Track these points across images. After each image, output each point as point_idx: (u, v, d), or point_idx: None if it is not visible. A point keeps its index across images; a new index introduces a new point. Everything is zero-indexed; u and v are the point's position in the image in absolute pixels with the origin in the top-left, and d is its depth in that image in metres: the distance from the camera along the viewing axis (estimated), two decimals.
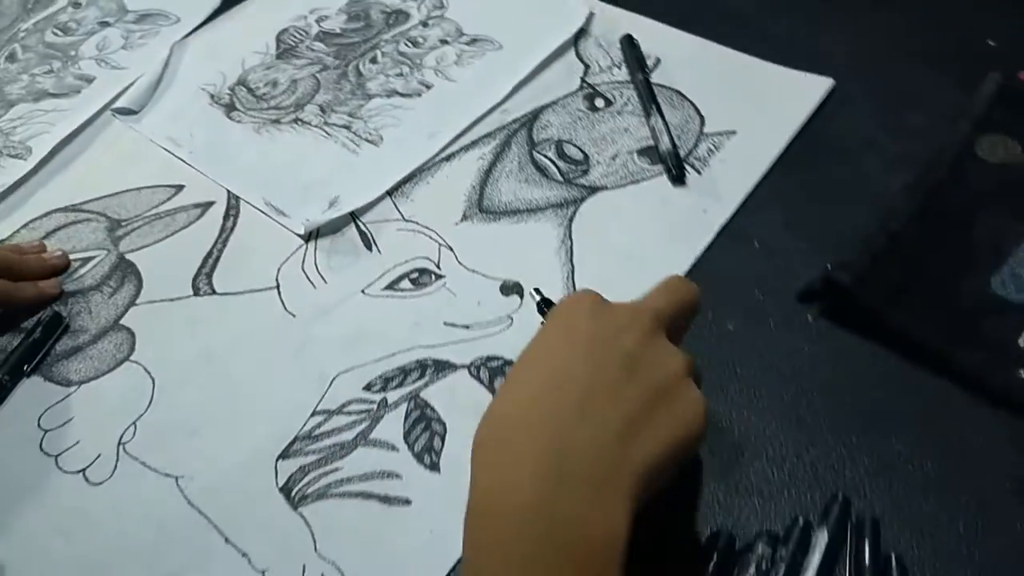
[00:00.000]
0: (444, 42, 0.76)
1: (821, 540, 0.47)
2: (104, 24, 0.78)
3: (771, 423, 0.53)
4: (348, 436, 0.53)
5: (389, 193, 0.65)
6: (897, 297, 0.57)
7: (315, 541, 0.49)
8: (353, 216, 0.64)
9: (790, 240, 0.62)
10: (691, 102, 0.70)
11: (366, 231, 0.63)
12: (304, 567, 0.48)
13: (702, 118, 0.69)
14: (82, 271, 0.62)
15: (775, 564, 0.47)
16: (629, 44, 0.74)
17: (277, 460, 0.53)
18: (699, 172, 0.66)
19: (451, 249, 0.62)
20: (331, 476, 0.52)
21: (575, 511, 0.38)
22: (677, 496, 0.50)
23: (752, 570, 0.47)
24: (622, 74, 0.73)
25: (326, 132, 0.70)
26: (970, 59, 0.72)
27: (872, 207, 0.62)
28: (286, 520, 0.50)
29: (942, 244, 0.59)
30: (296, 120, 0.70)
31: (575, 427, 0.40)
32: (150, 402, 0.55)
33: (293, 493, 0.51)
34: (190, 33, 0.78)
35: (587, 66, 0.74)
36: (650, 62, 0.73)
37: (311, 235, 0.63)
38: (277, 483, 0.52)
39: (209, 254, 0.62)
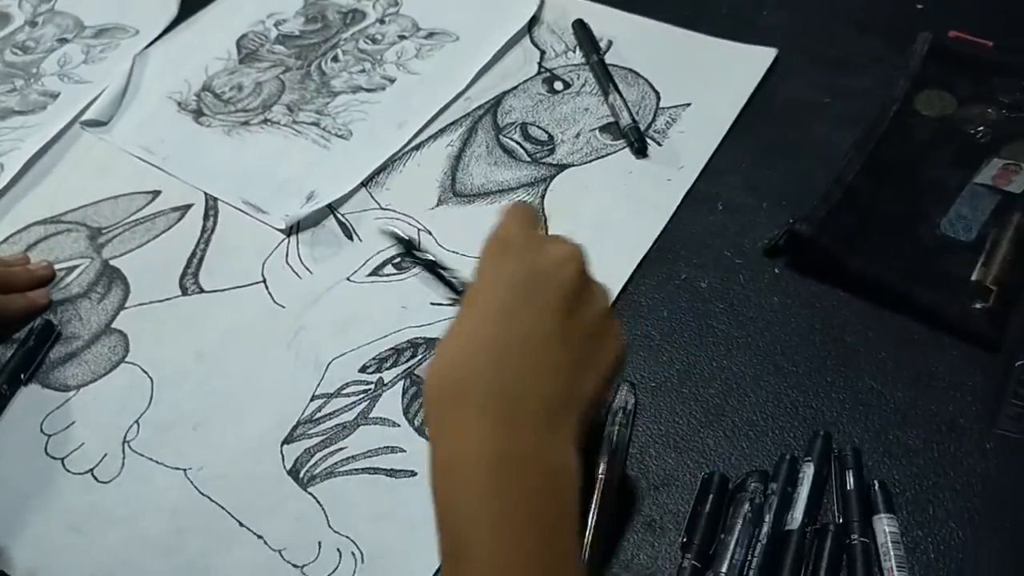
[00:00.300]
0: (402, 37, 0.78)
1: (808, 473, 0.51)
2: (63, 41, 0.79)
3: (750, 371, 0.56)
4: (349, 416, 0.55)
5: (364, 184, 0.67)
6: (856, 244, 0.60)
7: (328, 518, 0.51)
8: (331, 208, 0.66)
9: (751, 200, 0.65)
10: (645, 79, 0.73)
11: (345, 221, 0.65)
12: (320, 544, 0.50)
13: (657, 93, 0.72)
14: (68, 280, 0.63)
15: (767, 498, 0.50)
16: (581, 28, 0.77)
17: (282, 445, 0.54)
18: (659, 144, 0.69)
19: (430, 232, 0.64)
20: (337, 455, 0.53)
21: (533, 452, 0.40)
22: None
23: (746, 507, 0.50)
24: (577, 57, 0.76)
25: (296, 130, 0.71)
26: (901, 22, 0.76)
27: (823, 164, 0.65)
28: (298, 501, 0.52)
29: (892, 193, 0.63)
30: (265, 121, 0.72)
31: (523, 372, 0.41)
32: (150, 400, 0.56)
33: (301, 475, 0.53)
34: (151, 44, 0.78)
35: (543, 52, 0.76)
36: (602, 44, 0.76)
37: (292, 229, 0.65)
38: (285, 466, 0.53)
39: (193, 254, 0.64)
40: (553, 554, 0.39)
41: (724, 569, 0.47)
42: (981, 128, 0.66)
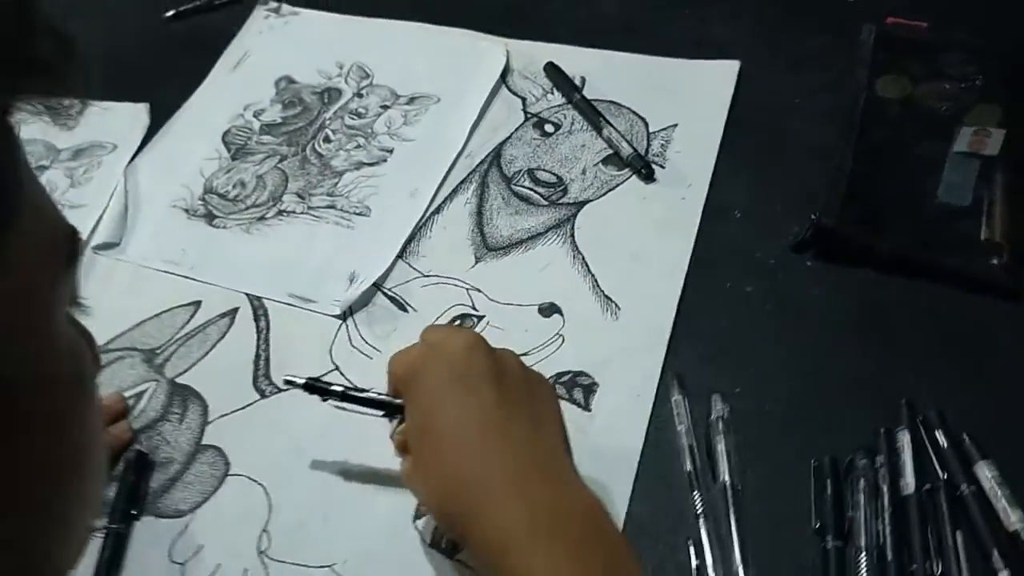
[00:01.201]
0: (385, 107, 0.80)
1: (905, 440, 0.56)
2: (41, 168, 0.77)
3: (816, 360, 0.61)
4: None
5: (399, 256, 0.69)
6: (874, 226, 0.66)
7: None
8: (377, 286, 0.67)
9: (763, 203, 0.70)
10: (628, 108, 0.78)
11: (395, 296, 0.67)
12: None
13: (643, 120, 0.77)
14: (140, 406, 0.62)
15: (878, 471, 0.55)
16: (554, 70, 0.81)
17: (414, 521, 0.56)
18: (662, 167, 0.73)
19: (479, 290, 0.67)
20: None
21: (559, 502, 0.46)
22: None
23: (862, 483, 0.54)
24: (557, 98, 0.79)
25: (314, 216, 0.72)
26: (838, 17, 0.83)
27: (815, 158, 0.71)
28: (449, 570, 0.54)
29: (888, 174, 0.70)
30: (280, 212, 0.73)
31: (507, 453, 0.47)
32: (269, 506, 0.57)
33: (443, 545, 0.55)
34: (135, 156, 0.78)
35: (523, 99, 0.80)
36: (576, 81, 0.80)
37: (346, 313, 0.66)
38: (425, 540, 0.55)
39: (257, 356, 0.64)
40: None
41: (863, 543, 0.52)
42: (943, 103, 0.74)
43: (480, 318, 0.65)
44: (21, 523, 0.33)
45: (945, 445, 0.56)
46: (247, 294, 0.68)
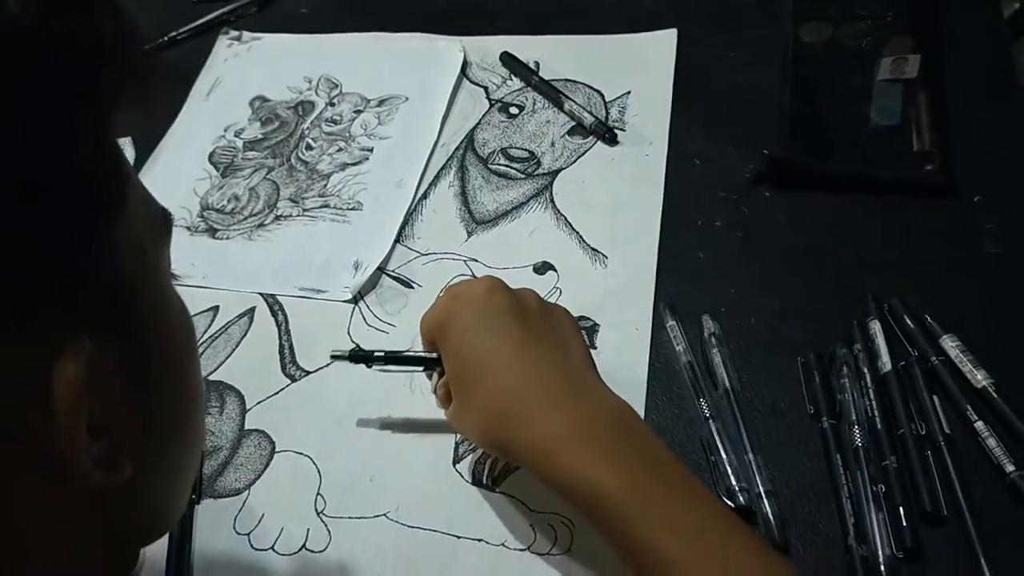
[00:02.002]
0: (358, 111, 0.86)
1: (877, 327, 0.63)
2: None
3: (788, 275, 0.68)
4: None
5: (397, 241, 0.75)
6: (819, 152, 0.74)
7: (527, 505, 0.59)
8: (381, 269, 0.73)
9: (718, 148, 0.78)
10: (583, 83, 0.85)
11: (399, 276, 0.73)
12: (532, 526, 0.58)
13: (599, 92, 0.84)
14: None
15: (857, 357, 0.62)
16: (510, 59, 0.87)
17: (454, 465, 0.61)
18: (623, 130, 0.80)
19: (475, 260, 0.73)
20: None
21: (594, 411, 0.52)
22: None
23: (845, 370, 0.61)
24: (516, 83, 0.86)
25: (310, 216, 0.78)
26: None
27: (758, 102, 0.79)
28: (494, 502, 0.59)
29: (825, 107, 0.78)
30: (277, 217, 0.78)
31: (540, 376, 0.54)
32: (319, 473, 0.62)
33: (485, 481, 0.60)
34: None
35: (485, 88, 0.86)
36: (531, 66, 0.86)
37: (356, 297, 0.72)
38: (467, 481, 0.60)
39: (282, 347, 0.69)
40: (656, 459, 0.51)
41: (854, 418, 0.59)
42: (861, 40, 0.82)
43: None
44: (159, 461, 0.39)
45: (912, 326, 0.63)
46: (260, 294, 0.73)
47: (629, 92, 0.83)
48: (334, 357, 0.62)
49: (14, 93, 0.28)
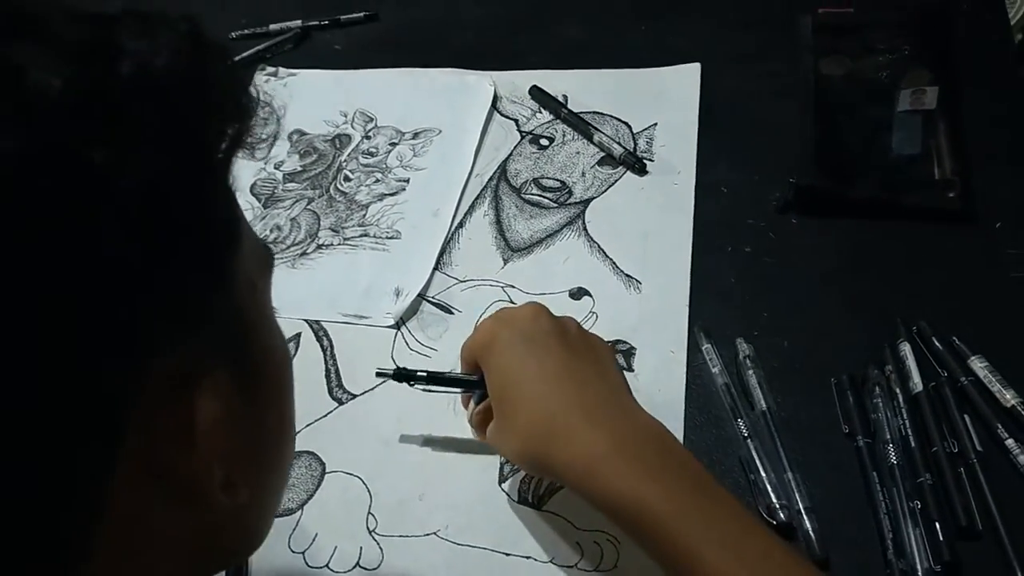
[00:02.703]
0: (394, 144, 0.88)
1: (907, 349, 0.65)
2: None
3: (818, 300, 0.71)
4: None
5: (435, 268, 0.77)
6: (844, 181, 0.76)
7: (572, 523, 0.61)
8: (422, 296, 0.75)
9: (744, 177, 0.80)
10: (611, 116, 0.88)
11: (439, 302, 0.75)
12: (579, 543, 0.60)
13: (626, 124, 0.86)
14: None
15: (889, 379, 0.64)
16: (539, 92, 0.90)
17: (500, 484, 0.63)
18: (651, 160, 0.83)
19: (512, 286, 0.75)
20: None
21: (633, 431, 0.54)
22: None
23: (877, 390, 0.63)
24: (546, 116, 0.89)
25: (351, 245, 0.80)
26: (774, 14, 0.94)
27: (782, 133, 0.81)
28: (540, 520, 0.61)
29: (847, 137, 0.80)
30: (319, 246, 0.81)
31: (583, 391, 0.56)
32: (369, 492, 0.64)
33: (531, 499, 0.62)
34: None
35: (515, 120, 0.89)
36: (560, 99, 0.89)
37: (398, 323, 0.74)
38: (513, 499, 0.63)
39: (327, 371, 0.72)
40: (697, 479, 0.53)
41: (888, 436, 0.61)
42: (881, 73, 0.85)
43: None
44: (265, 483, 0.41)
45: (940, 348, 0.65)
46: (306, 320, 0.75)
47: (656, 124, 0.86)
48: (379, 374, 0.64)
49: (165, 143, 0.30)
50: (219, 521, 0.35)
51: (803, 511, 0.58)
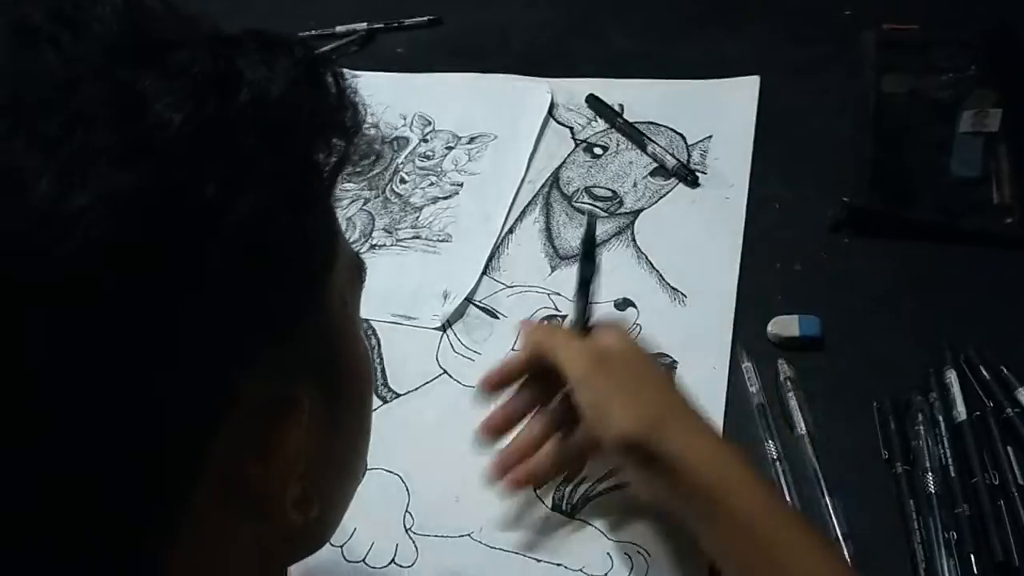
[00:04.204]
0: (450, 147, 0.90)
1: (952, 376, 0.65)
2: None
3: (868, 322, 0.70)
4: None
5: (484, 273, 0.78)
6: (899, 202, 0.76)
7: (604, 533, 0.61)
8: (469, 300, 0.76)
9: (796, 194, 0.80)
10: (665, 126, 0.88)
11: (486, 306, 0.76)
12: (609, 554, 0.60)
13: (681, 135, 0.87)
14: None
15: (932, 406, 0.63)
16: (595, 100, 0.91)
17: (535, 490, 0.64)
18: (704, 173, 0.83)
19: (558, 294, 0.76)
20: (583, 484, 0.64)
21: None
22: None
23: (920, 418, 0.63)
24: (601, 125, 0.89)
25: (402, 247, 0.82)
26: (836, 28, 0.93)
27: (836, 149, 0.81)
28: (573, 528, 0.62)
29: (905, 156, 0.79)
30: (372, 247, 0.82)
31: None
32: (407, 492, 0.65)
33: (564, 507, 0.63)
34: None
35: (571, 128, 0.90)
36: (615, 108, 0.90)
37: (444, 325, 0.75)
38: (547, 506, 0.63)
39: (374, 370, 0.73)
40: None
41: (928, 465, 0.60)
42: (944, 92, 0.83)
43: (563, 317, 0.74)
44: (337, 496, 0.42)
45: (988, 377, 0.64)
46: None
47: (711, 136, 0.86)
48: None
49: (275, 175, 0.30)
50: (289, 532, 0.35)
51: (840, 537, 0.58)
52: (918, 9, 0.92)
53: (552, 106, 0.92)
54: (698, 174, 0.82)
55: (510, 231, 0.82)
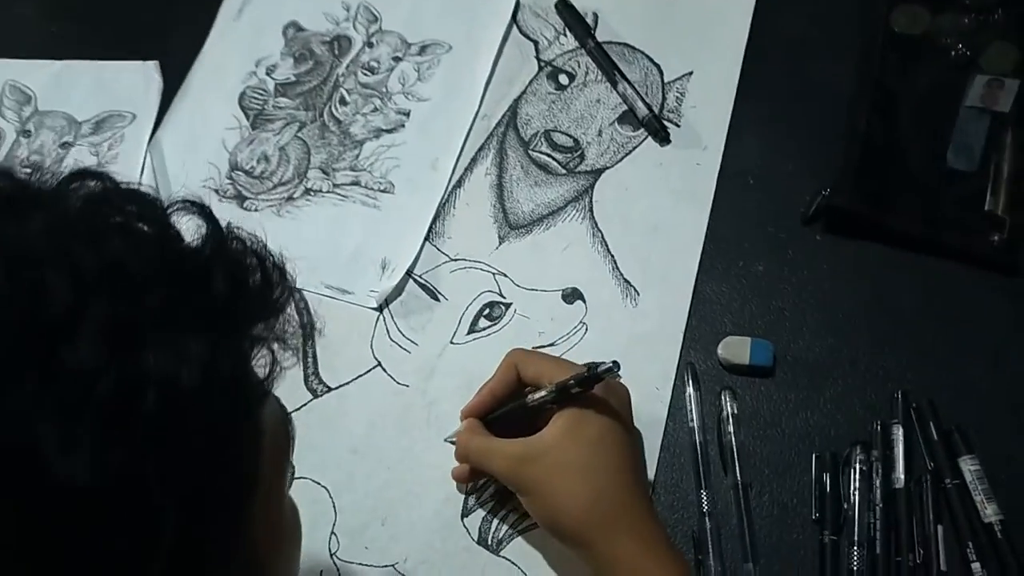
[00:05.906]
0: (397, 59, 0.79)
1: (899, 435, 0.62)
2: (66, 146, 0.79)
3: (824, 343, 0.66)
4: None
5: (426, 238, 0.72)
6: (882, 201, 0.68)
7: (525, 574, 0.62)
8: (409, 273, 0.71)
9: (776, 165, 0.72)
10: (642, 52, 0.77)
11: (426, 283, 0.71)
12: None
13: (659, 67, 0.77)
14: None
15: (871, 465, 0.62)
16: (566, 8, 0.79)
17: (462, 519, 0.64)
18: (677, 125, 0.74)
19: (504, 275, 0.71)
20: (512, 516, 0.63)
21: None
22: None
23: (857, 476, 0.61)
24: (570, 42, 0.79)
25: (340, 195, 0.75)
26: None
27: (831, 106, 0.72)
28: (496, 566, 0.62)
29: (901, 134, 0.71)
30: (307, 191, 0.75)
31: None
32: (334, 509, 0.65)
33: (490, 542, 0.63)
34: (155, 129, 0.79)
35: (536, 42, 0.79)
36: (589, 20, 0.79)
37: (381, 305, 0.71)
38: (472, 538, 0.63)
39: (305, 354, 0.70)
40: None
41: (856, 537, 0.60)
42: (959, 39, 0.73)
43: (508, 306, 0.70)
44: None
45: (935, 437, 0.62)
46: None
47: (691, 73, 0.76)
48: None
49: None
50: None
51: None
52: None
53: (517, 7, 0.80)
54: (670, 127, 0.74)
55: (458, 184, 0.75)
